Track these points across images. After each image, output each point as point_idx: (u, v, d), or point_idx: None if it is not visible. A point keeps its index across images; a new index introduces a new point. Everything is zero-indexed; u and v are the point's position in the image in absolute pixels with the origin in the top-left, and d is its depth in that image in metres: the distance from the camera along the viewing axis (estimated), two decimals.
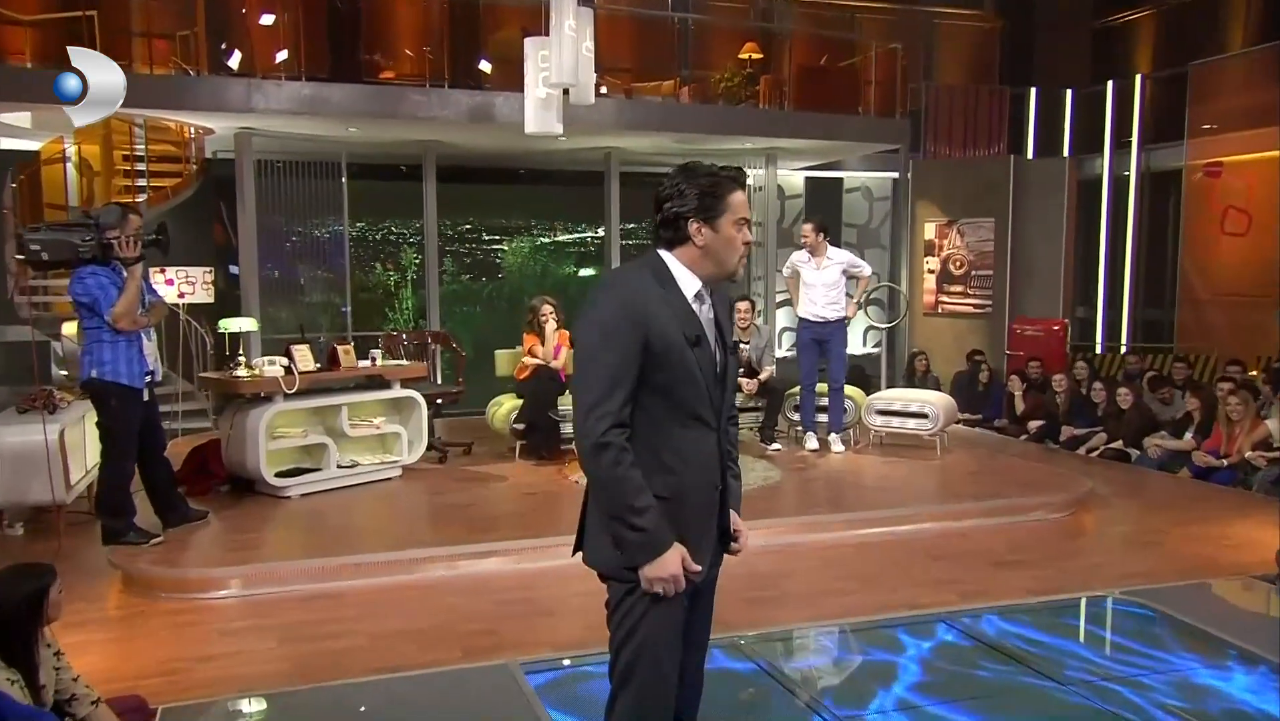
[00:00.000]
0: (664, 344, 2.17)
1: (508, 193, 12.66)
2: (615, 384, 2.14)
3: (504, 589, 4.87)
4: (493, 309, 12.79)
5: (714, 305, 2.33)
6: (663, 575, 2.20)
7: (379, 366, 6.80)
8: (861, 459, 7.78)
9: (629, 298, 2.17)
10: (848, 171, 12.96)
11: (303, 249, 10.06)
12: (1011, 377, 9.44)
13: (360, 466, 6.70)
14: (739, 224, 2.27)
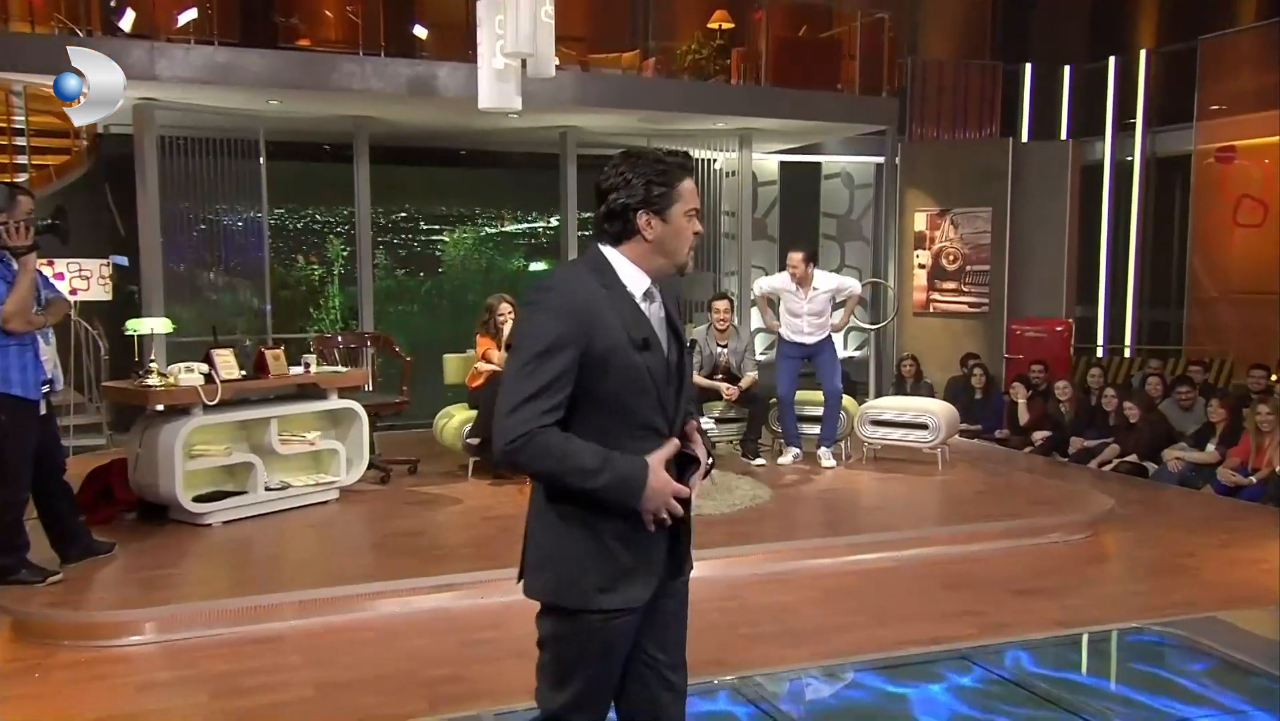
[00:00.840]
0: (610, 353, 2.22)
1: (449, 177, 12.56)
2: (545, 393, 2.17)
3: (470, 627, 4.77)
4: (432, 308, 12.67)
5: (663, 300, 2.38)
6: (656, 503, 2.24)
7: (314, 374, 6.69)
8: (855, 474, 7.80)
9: (572, 305, 2.21)
10: (826, 155, 13.02)
11: (213, 239, 9.81)
12: (1014, 384, 9.52)
13: (292, 488, 6.58)
14: (690, 214, 2.32)
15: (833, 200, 13.20)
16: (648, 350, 2.26)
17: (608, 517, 2.25)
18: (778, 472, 7.77)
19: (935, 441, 7.85)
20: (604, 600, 2.28)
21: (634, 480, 2.21)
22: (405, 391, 7.78)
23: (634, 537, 2.28)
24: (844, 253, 13.23)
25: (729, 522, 6.27)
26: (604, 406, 2.23)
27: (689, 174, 2.33)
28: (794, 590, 5.37)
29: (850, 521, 6.53)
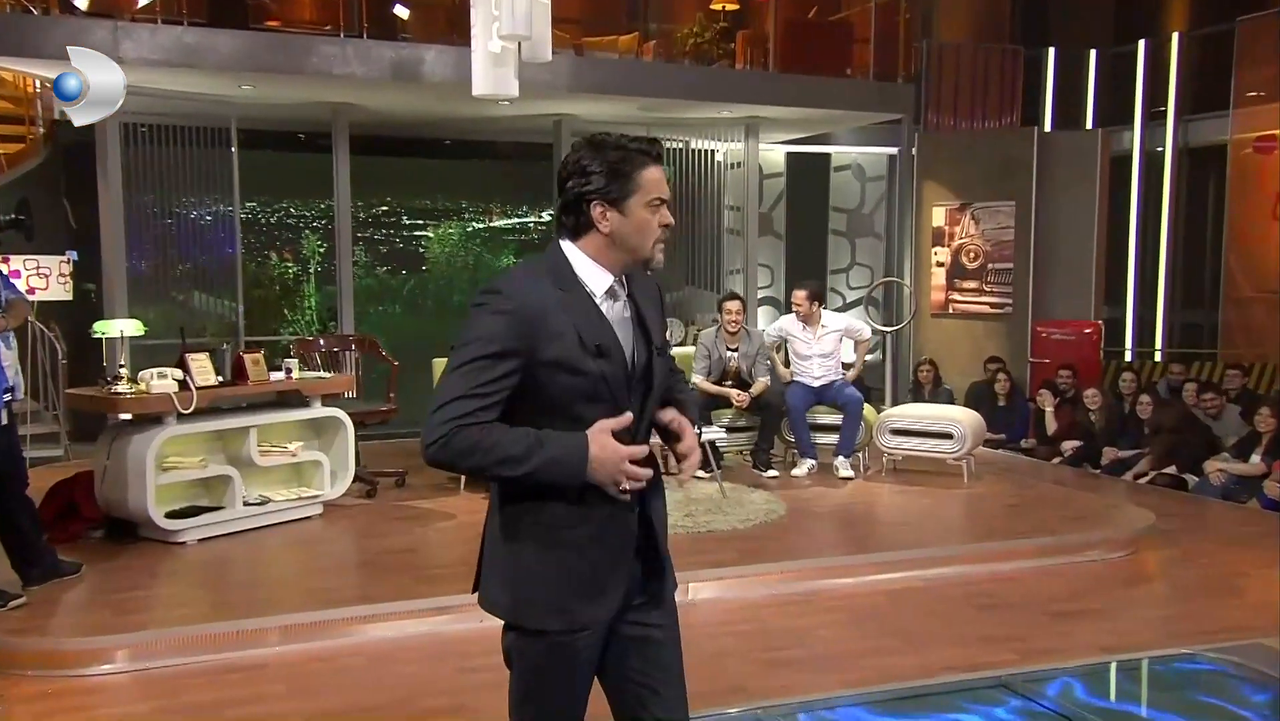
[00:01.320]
0: (560, 361, 2.21)
1: (433, 168, 12.55)
2: (475, 396, 2.16)
3: (468, 653, 4.70)
4: (415, 308, 12.66)
5: (635, 296, 2.37)
6: (608, 472, 2.20)
7: (296, 379, 6.65)
8: (875, 487, 7.79)
9: (518, 311, 2.19)
10: (836, 146, 13.00)
11: (181, 234, 9.75)
12: (1041, 391, 9.50)
13: (272, 503, 6.55)
14: (653, 205, 2.28)
15: (843, 194, 13.19)
16: (604, 357, 2.24)
17: (564, 525, 2.26)
18: (792, 485, 7.74)
19: (961, 452, 7.83)
20: (560, 620, 2.28)
21: (571, 455, 2.19)
22: (392, 398, 7.76)
23: (593, 548, 2.28)
24: (854, 250, 13.22)
25: (742, 539, 6.23)
26: (556, 416, 2.23)
27: (653, 161, 2.29)
28: (815, 612, 5.33)
29: (872, 538, 6.51)
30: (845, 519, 6.94)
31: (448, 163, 12.51)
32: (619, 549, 2.33)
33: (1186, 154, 11.74)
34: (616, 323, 2.30)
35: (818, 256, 13.15)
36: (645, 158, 2.28)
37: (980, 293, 11.20)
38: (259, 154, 10.59)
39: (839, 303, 13.18)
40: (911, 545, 6.19)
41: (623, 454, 2.22)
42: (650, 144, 2.30)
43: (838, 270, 13.27)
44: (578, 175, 2.27)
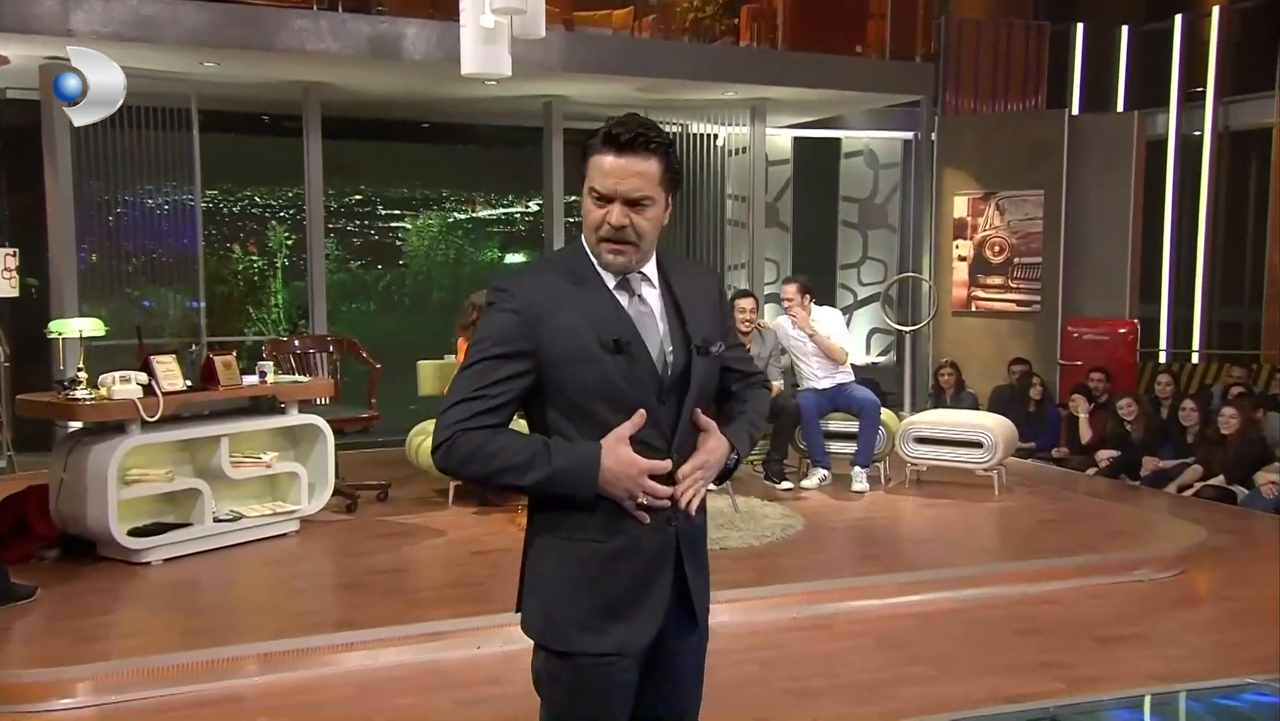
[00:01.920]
0: (570, 359, 2.25)
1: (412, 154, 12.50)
2: (482, 397, 2.24)
3: (466, 683, 4.70)
4: (391, 305, 12.65)
5: (676, 290, 2.37)
6: (624, 486, 2.24)
7: (272, 384, 6.62)
8: (897, 500, 7.80)
9: (524, 307, 2.25)
10: (847, 130, 12.99)
11: (135, 225, 9.66)
12: (1074, 396, 9.49)
13: (245, 519, 6.53)
14: (591, 192, 2.29)
15: (854, 182, 13.19)
16: (622, 353, 2.25)
17: (592, 536, 2.27)
18: (806, 498, 7.74)
19: (992, 462, 7.84)
20: (589, 641, 2.29)
21: (581, 467, 2.21)
22: (374, 404, 7.75)
23: (624, 563, 2.29)
24: (867, 242, 13.22)
25: (757, 557, 6.23)
26: (578, 420, 2.26)
27: (609, 146, 2.26)
28: (840, 636, 5.32)
29: (898, 555, 6.51)
30: (867, 534, 6.94)
31: (428, 148, 12.47)
32: (655, 566, 2.32)
33: (1226, 138, 11.76)
34: (639, 317, 2.31)
35: (827, 250, 13.15)
36: (600, 142, 2.26)
37: (1006, 289, 11.20)
38: (222, 138, 10.52)
39: (849, 300, 13.17)
40: (941, 563, 6.19)
41: (640, 467, 2.23)
42: (621, 124, 2.26)
43: (849, 265, 13.27)
44: None
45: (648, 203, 2.27)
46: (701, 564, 2.44)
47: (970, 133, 11.48)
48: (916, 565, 6.20)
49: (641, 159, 2.24)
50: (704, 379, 2.38)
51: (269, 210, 12.05)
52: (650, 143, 2.25)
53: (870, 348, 13.29)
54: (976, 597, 5.85)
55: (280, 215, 11.94)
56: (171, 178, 9.68)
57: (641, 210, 2.26)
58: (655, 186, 2.27)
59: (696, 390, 2.35)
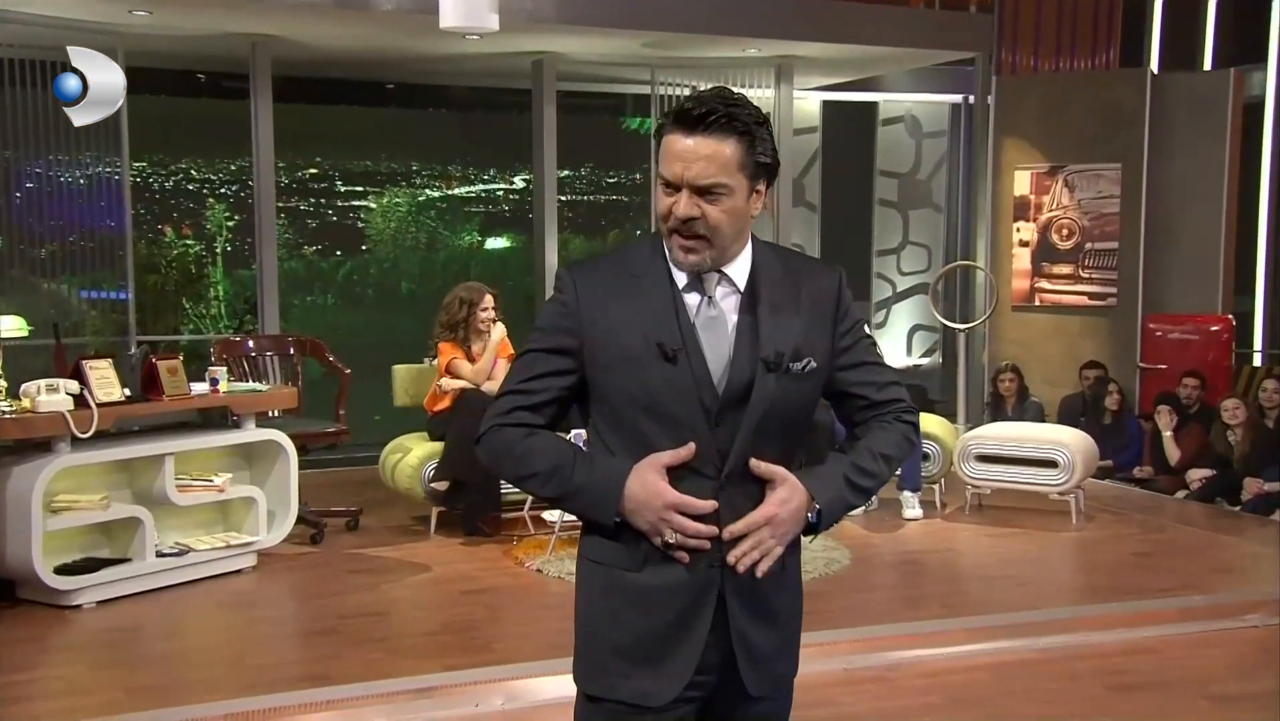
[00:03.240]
0: (615, 359, 2.34)
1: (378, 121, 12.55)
2: (524, 390, 2.40)
3: None
4: (353, 299, 12.70)
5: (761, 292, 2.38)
6: (647, 518, 2.30)
7: (225, 393, 6.62)
8: (956, 529, 7.80)
9: (573, 301, 2.38)
10: (886, 93, 12.97)
11: (49, 202, 9.59)
12: (1160, 408, 9.43)
13: (194, 553, 6.51)
14: (660, 180, 2.35)
15: (893, 154, 13.17)
16: (671, 362, 2.30)
17: (624, 565, 2.36)
18: (850, 527, 7.71)
19: (1068, 484, 7.81)
20: (612, 685, 2.37)
21: (603, 487, 2.31)
22: (342, 416, 7.75)
23: (658, 601, 2.34)
24: (908, 225, 13.20)
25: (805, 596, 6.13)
26: (622, 433, 2.36)
27: (679, 126, 2.30)
28: (902, 692, 5.30)
29: (962, 595, 6.51)
30: (924, 570, 6.95)
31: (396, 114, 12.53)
32: (693, 609, 2.35)
33: None
34: (706, 323, 2.35)
35: (861, 233, 13.12)
36: (671, 120, 2.32)
37: (1076, 280, 11.16)
38: (154, 100, 10.54)
39: (886, 292, 13.15)
40: (1016, 606, 6.18)
41: (667, 500, 2.27)
42: (695, 99, 2.31)
43: (886, 251, 13.24)
44: None
45: (721, 191, 2.27)
46: (768, 615, 2.42)
47: (1033, 95, 11.44)
48: (986, 606, 6.18)
49: (716, 139, 2.26)
50: (773, 400, 2.34)
51: (208, 186, 12.08)
52: (728, 120, 2.26)
53: (912, 348, 13.27)
54: (1060, 646, 5.81)
55: (221, 192, 11.97)
56: (93, 147, 9.58)
57: (715, 200, 2.27)
58: (732, 172, 2.27)
59: (759, 413, 2.33)
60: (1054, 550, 7.33)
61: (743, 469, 2.33)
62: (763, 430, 2.33)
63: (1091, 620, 6.04)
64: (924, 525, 7.82)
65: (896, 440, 2.49)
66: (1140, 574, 6.80)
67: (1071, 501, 7.92)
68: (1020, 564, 7.03)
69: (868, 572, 6.80)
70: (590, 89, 11.75)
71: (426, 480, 7.36)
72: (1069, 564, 7.12)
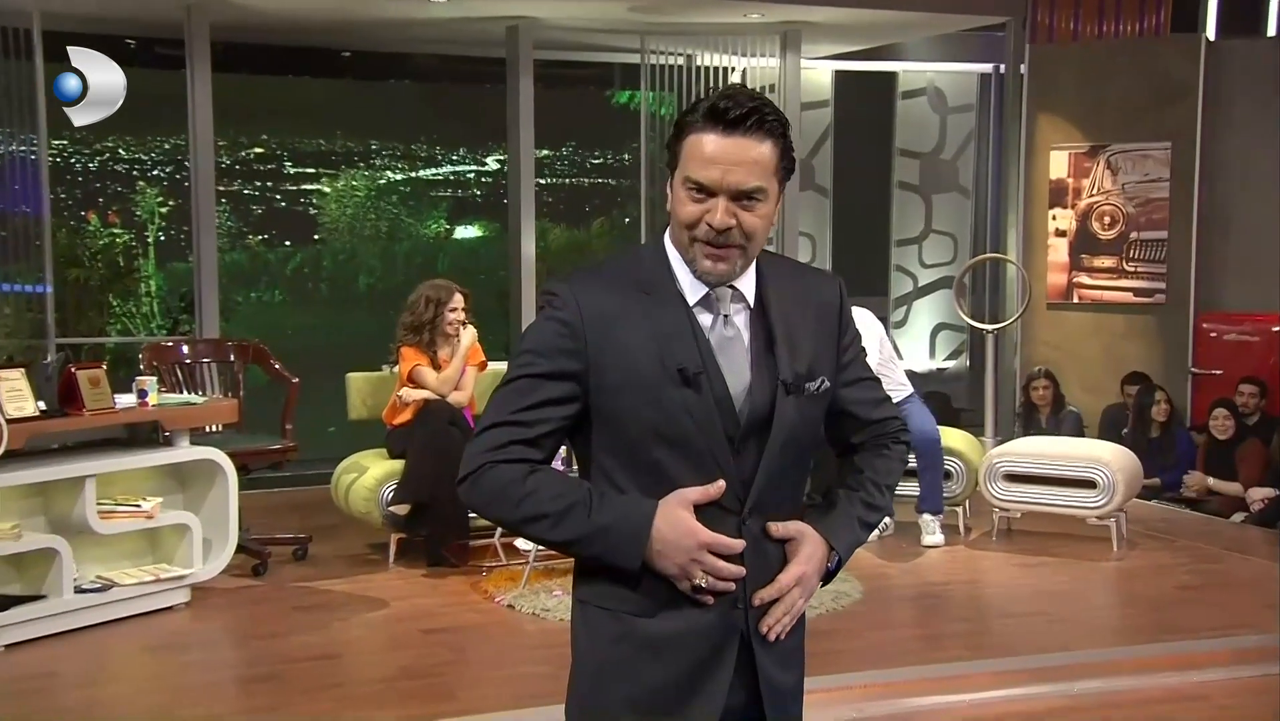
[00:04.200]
0: (627, 383, 2.37)
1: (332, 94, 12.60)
2: (517, 422, 2.39)
3: None
4: (304, 296, 12.74)
5: (771, 307, 2.47)
6: (676, 561, 2.34)
7: (155, 406, 6.59)
8: (981, 558, 7.83)
9: (575, 312, 2.38)
10: (906, 62, 12.98)
11: None
12: (1216, 413, 9.43)
13: (118, 589, 6.46)
14: (686, 183, 2.39)
15: (914, 131, 13.18)
16: (690, 387, 2.36)
17: (636, 609, 2.39)
18: (863, 555, 7.64)
19: (1108, 506, 7.81)
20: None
21: (627, 528, 2.33)
22: (289, 431, 7.75)
23: (671, 651, 2.38)
24: (930, 211, 13.22)
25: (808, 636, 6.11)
26: (633, 464, 2.39)
27: (714, 123, 2.36)
28: None
29: (989, 634, 6.52)
30: (946, 604, 6.95)
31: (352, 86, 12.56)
32: (714, 657, 2.41)
33: None
34: (722, 343, 2.43)
35: (878, 220, 13.16)
36: (701, 119, 2.36)
37: (1119, 274, 11.18)
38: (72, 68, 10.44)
39: (907, 287, 13.16)
40: (1048, 646, 6.18)
41: (701, 540, 2.32)
42: (727, 97, 2.36)
43: (906, 240, 13.26)
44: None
45: (760, 196, 2.34)
46: (787, 653, 2.51)
47: (1072, 65, 11.45)
48: (1014, 647, 6.19)
49: (756, 141, 2.33)
50: (794, 425, 2.44)
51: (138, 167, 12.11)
52: (766, 120, 2.33)
53: (935, 350, 13.28)
54: (1098, 692, 5.82)
55: (153, 174, 12.00)
56: (6, 123, 9.62)
57: (752, 206, 2.34)
58: (769, 176, 2.35)
59: (782, 439, 2.42)
60: (1091, 582, 7.34)
61: (763, 501, 2.41)
62: (783, 458, 2.43)
63: (1132, 662, 6.04)
64: (946, 552, 7.84)
65: (896, 469, 2.68)
66: (1188, 609, 6.80)
67: (1112, 526, 7.91)
68: (1053, 597, 7.02)
69: (882, 608, 6.80)
70: (573, 58, 11.77)
71: (384, 503, 7.31)
72: (1108, 598, 7.13)
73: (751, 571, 2.40)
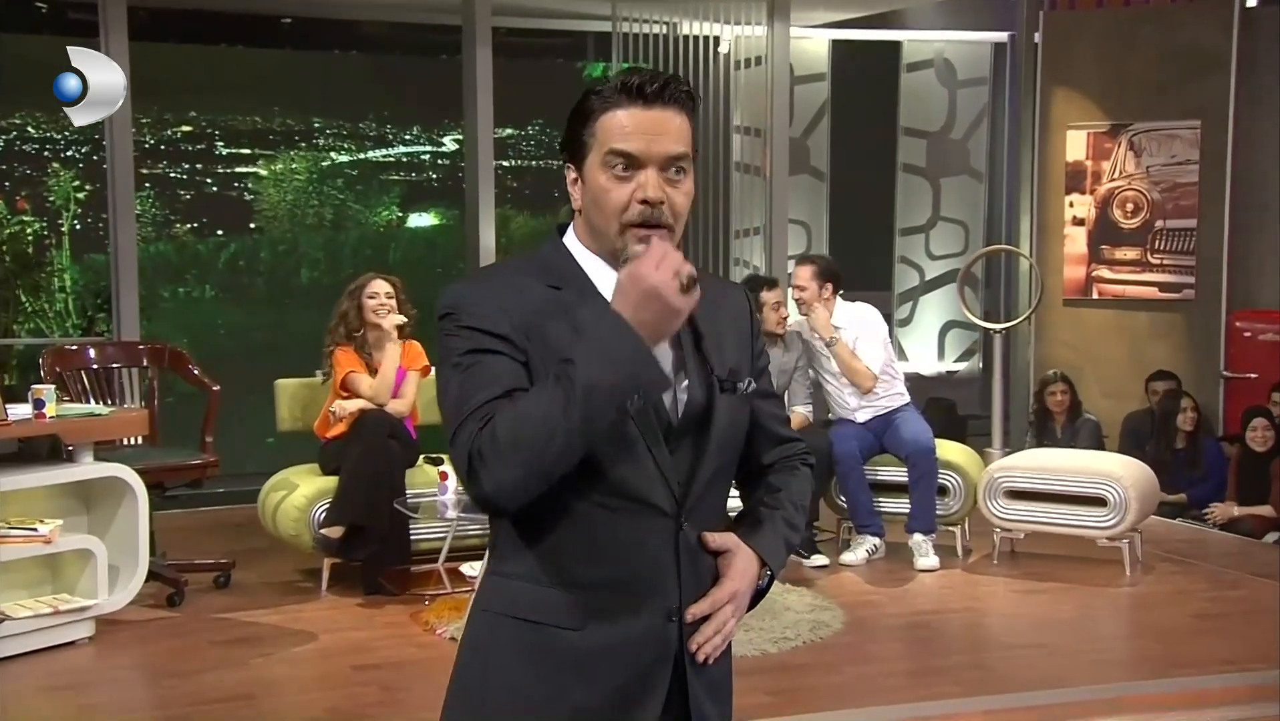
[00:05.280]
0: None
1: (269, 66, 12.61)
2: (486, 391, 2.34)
3: None
4: (238, 292, 12.73)
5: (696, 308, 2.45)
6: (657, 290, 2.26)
7: (53, 417, 6.57)
8: (981, 583, 7.85)
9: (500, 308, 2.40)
10: (911, 31, 12.99)
11: None
12: (1255, 424, 9.42)
13: (11, 622, 6.43)
14: (608, 164, 2.43)
15: (920, 108, 13.18)
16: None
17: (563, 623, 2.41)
18: (848, 579, 7.78)
19: (1119, 526, 7.82)
20: None
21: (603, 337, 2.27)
22: (209, 445, 7.75)
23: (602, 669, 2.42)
24: (939, 196, 13.22)
25: (774, 670, 6.24)
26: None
27: (630, 97, 2.43)
28: None
29: (983, 668, 6.50)
30: (937, 636, 6.95)
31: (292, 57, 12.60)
32: (647, 676, 2.45)
33: None
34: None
35: (881, 206, 13.14)
36: (614, 94, 2.44)
37: (1143, 267, 11.22)
38: None
39: (913, 281, 13.17)
40: (1048, 681, 6.19)
41: (645, 266, 2.27)
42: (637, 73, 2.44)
43: (912, 229, 13.24)
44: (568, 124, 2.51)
45: (686, 166, 2.44)
46: (717, 688, 2.56)
47: (1090, 34, 11.48)
48: (1010, 683, 6.18)
49: (674, 113, 2.44)
50: (729, 425, 2.52)
51: (50, 147, 12.11)
52: (680, 92, 2.44)
53: (945, 351, 13.29)
54: None
55: (68, 155, 12.00)
56: None
57: (679, 181, 2.44)
58: (690, 149, 2.46)
59: (719, 437, 2.49)
60: (1098, 610, 7.34)
61: (699, 506, 2.47)
62: (720, 459, 2.51)
63: (1136, 700, 6.02)
64: (940, 577, 7.85)
65: (808, 490, 2.73)
66: (1203, 641, 6.80)
67: (1124, 548, 7.94)
68: (1055, 627, 7.03)
69: (866, 639, 6.80)
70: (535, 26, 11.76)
71: (316, 525, 7.34)
72: (1115, 628, 7.15)
73: (686, 584, 2.45)
